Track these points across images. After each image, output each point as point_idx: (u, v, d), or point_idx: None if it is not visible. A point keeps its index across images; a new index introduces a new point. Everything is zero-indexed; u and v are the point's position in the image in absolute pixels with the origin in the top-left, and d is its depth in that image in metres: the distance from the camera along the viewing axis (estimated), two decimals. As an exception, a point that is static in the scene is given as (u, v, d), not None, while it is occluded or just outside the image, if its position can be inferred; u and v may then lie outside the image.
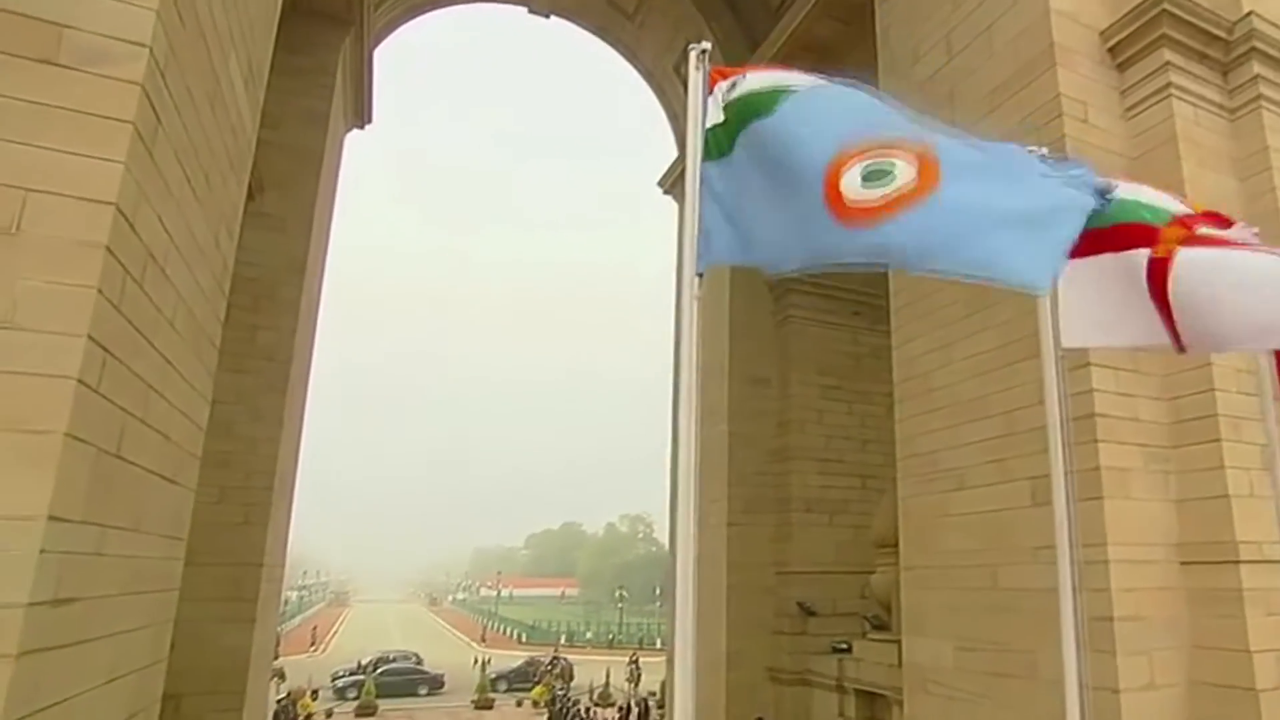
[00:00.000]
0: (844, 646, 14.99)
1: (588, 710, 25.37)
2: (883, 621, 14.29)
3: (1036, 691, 8.12)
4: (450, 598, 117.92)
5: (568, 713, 24.53)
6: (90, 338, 3.47)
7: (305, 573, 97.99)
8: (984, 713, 8.79)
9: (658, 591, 79.23)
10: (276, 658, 34.26)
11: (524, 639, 57.36)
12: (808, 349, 17.67)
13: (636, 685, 32.19)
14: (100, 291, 3.48)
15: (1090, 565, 7.98)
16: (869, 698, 14.00)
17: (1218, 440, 7.92)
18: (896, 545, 11.65)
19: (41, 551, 3.50)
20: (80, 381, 3.47)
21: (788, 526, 16.58)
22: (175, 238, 4.38)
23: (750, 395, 17.19)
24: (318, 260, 15.25)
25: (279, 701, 25.56)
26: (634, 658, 35.37)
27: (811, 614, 15.76)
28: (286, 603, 67.84)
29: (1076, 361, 8.36)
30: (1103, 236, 3.04)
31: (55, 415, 3.39)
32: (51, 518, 3.51)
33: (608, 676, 33.06)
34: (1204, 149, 8.90)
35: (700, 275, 2.60)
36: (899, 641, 12.27)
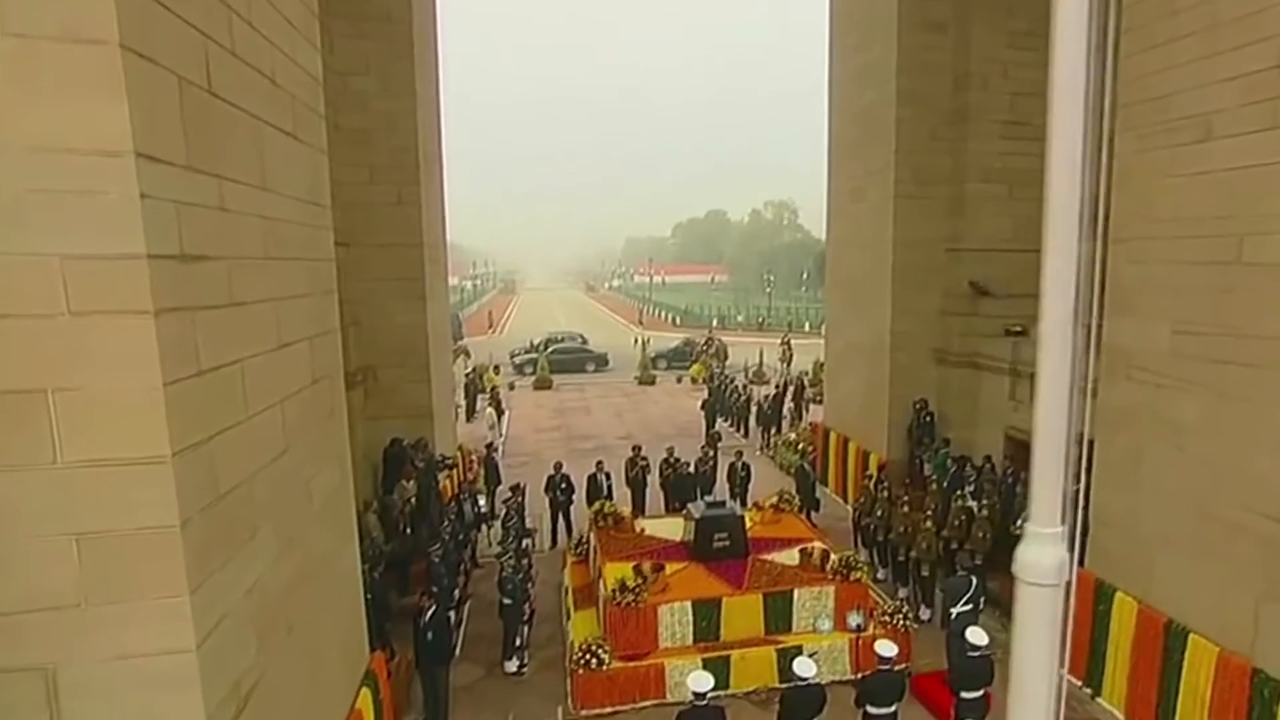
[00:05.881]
0: (1019, 329, 14.07)
1: (744, 387, 26.59)
2: (1069, 301, 13.14)
3: (1277, 383, 7.02)
4: (606, 284, 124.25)
5: (725, 388, 25.75)
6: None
7: (475, 263, 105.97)
8: (1201, 404, 7.84)
9: (805, 276, 79.35)
10: (461, 338, 38.03)
11: (678, 322, 60.02)
12: (996, -16, 14.39)
13: (789, 365, 33.32)
14: None
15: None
16: (1044, 380, 13.37)
17: None
18: (1097, 215, 10.07)
19: (143, 196, 3.11)
20: (119, -26, 2.75)
21: (961, 200, 14.86)
22: None
23: (922, 45, 14.54)
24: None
25: (467, 375, 28.63)
26: (785, 339, 36.34)
27: (984, 294, 14.68)
28: (462, 291, 74.23)
29: None
30: None
31: (102, 19, 2.74)
32: (141, 155, 3.05)
33: (760, 356, 34.21)
34: None
35: None
36: (1091, 324, 11.19)
